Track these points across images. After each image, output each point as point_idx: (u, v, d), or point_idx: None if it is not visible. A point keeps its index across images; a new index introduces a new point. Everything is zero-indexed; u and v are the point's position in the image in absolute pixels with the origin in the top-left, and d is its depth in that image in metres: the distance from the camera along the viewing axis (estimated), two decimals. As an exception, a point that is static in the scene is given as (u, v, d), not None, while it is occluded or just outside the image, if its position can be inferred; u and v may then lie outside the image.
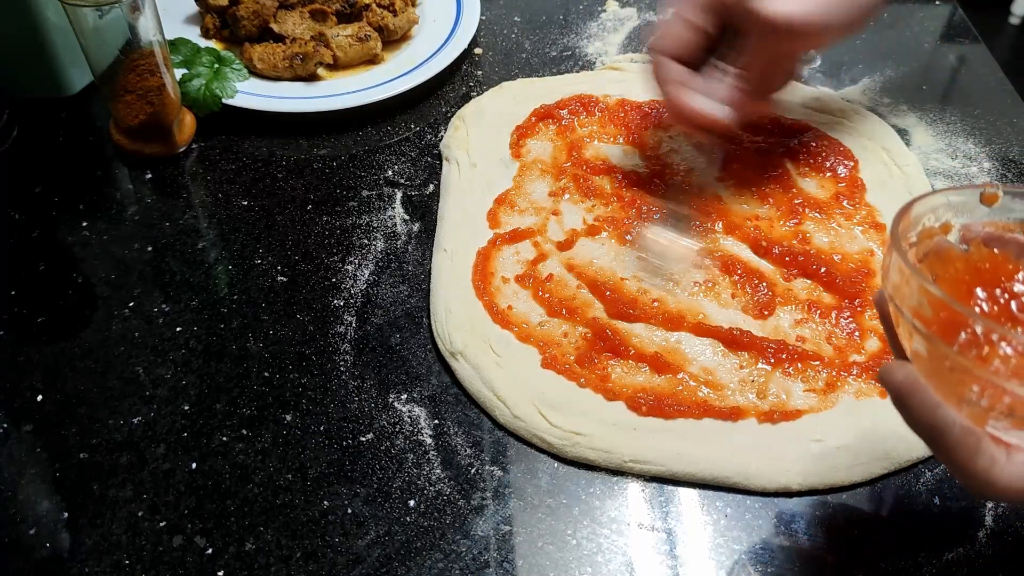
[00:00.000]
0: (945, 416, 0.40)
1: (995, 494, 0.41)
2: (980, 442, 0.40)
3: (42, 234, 0.69)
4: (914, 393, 0.41)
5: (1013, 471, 0.40)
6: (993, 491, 0.41)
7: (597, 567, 0.51)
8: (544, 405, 0.57)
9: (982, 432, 0.40)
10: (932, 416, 0.41)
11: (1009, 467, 0.40)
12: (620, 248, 0.67)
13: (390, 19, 0.85)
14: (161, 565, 0.50)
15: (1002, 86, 0.86)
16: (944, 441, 0.41)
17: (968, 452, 0.40)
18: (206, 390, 0.59)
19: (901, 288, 0.41)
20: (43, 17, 0.73)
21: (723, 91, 0.63)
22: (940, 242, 0.45)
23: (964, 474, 0.41)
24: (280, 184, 0.74)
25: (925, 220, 0.45)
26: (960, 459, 0.41)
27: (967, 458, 0.40)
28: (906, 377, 0.41)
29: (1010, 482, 0.40)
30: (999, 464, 0.40)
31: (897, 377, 0.42)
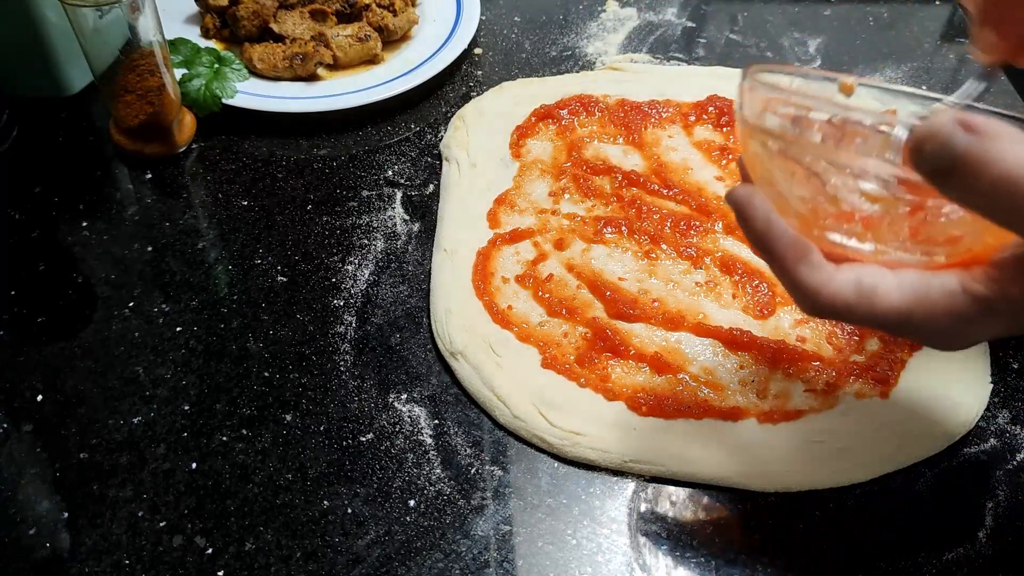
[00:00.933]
0: (775, 224, 0.42)
1: (818, 305, 0.41)
2: (808, 252, 0.41)
3: (42, 234, 0.69)
4: (750, 204, 0.42)
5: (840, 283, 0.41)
6: (816, 301, 0.41)
7: (597, 567, 0.51)
8: (544, 405, 0.57)
9: (809, 244, 0.42)
10: (764, 226, 0.42)
11: (835, 280, 0.41)
12: (620, 248, 0.67)
13: (390, 19, 0.85)
14: (161, 565, 0.50)
15: (1002, 86, 0.86)
16: (774, 250, 0.42)
17: (794, 260, 0.41)
18: (206, 390, 0.59)
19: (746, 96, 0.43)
20: (43, 17, 0.73)
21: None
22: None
23: (791, 284, 0.42)
24: (280, 184, 0.74)
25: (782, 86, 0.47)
26: (787, 268, 0.42)
27: (793, 267, 0.41)
28: (744, 191, 0.43)
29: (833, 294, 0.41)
30: (823, 273, 0.41)
31: (737, 192, 0.43)
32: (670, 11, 0.95)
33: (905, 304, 0.40)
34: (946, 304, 0.39)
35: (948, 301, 0.39)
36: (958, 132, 0.35)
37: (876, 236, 0.41)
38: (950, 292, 0.39)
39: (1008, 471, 0.55)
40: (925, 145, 0.35)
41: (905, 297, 0.40)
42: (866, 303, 0.40)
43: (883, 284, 0.40)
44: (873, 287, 0.40)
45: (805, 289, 0.41)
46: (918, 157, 0.36)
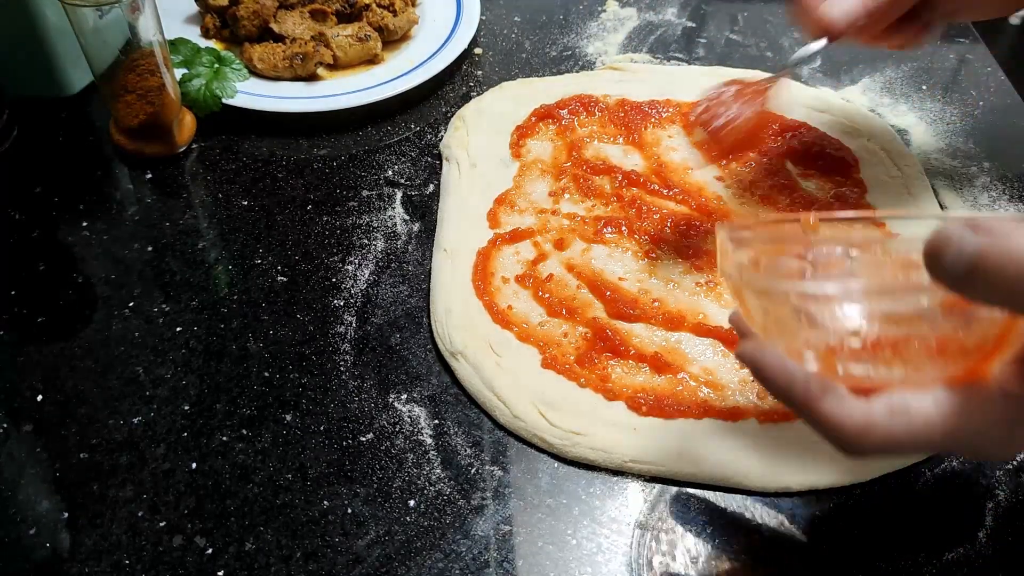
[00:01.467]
0: (791, 370, 0.41)
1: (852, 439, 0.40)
2: (831, 388, 0.40)
3: (42, 234, 0.69)
4: (762, 356, 0.42)
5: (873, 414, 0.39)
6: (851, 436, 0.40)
7: (597, 567, 0.51)
8: (544, 405, 0.57)
9: (832, 382, 0.40)
10: (780, 373, 0.41)
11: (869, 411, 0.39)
12: (620, 248, 0.67)
13: (390, 19, 0.85)
14: (161, 565, 0.50)
15: (1002, 86, 0.86)
16: (795, 394, 0.41)
17: (817, 398, 0.40)
18: (206, 390, 0.59)
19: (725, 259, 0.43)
20: (43, 17, 0.73)
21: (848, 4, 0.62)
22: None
23: (822, 425, 0.41)
24: (280, 184, 0.74)
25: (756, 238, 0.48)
26: (814, 407, 0.40)
27: (818, 405, 0.40)
28: (752, 344, 0.42)
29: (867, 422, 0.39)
30: (854, 406, 0.40)
31: (745, 347, 0.43)
32: (670, 11, 0.95)
33: (945, 420, 0.39)
34: (992, 414, 0.39)
35: (992, 410, 0.39)
36: (968, 234, 0.34)
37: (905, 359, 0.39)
38: (990, 400, 0.39)
39: (1008, 471, 0.55)
40: (941, 253, 0.35)
41: (944, 412, 0.39)
42: (904, 428, 0.39)
43: (917, 405, 0.39)
44: (905, 408, 0.39)
45: (841, 428, 0.40)
46: (935, 265, 0.36)
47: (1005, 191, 0.75)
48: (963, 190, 0.75)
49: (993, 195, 0.74)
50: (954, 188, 0.75)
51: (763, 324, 0.43)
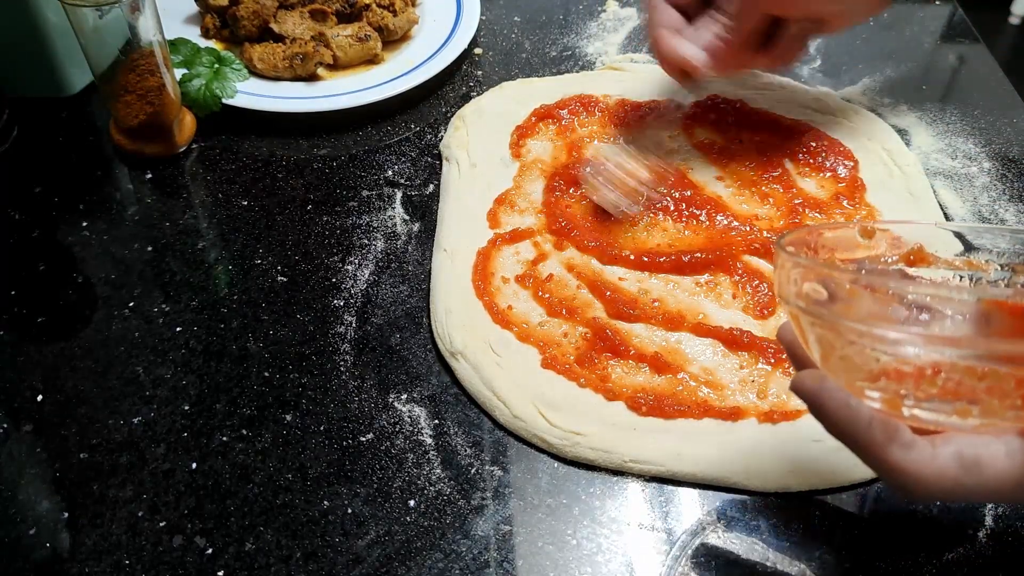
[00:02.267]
0: (854, 409, 0.39)
1: (920, 488, 0.39)
2: (896, 432, 0.39)
3: (42, 234, 0.69)
4: (822, 392, 0.40)
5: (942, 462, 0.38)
6: (918, 485, 0.39)
7: (597, 567, 0.51)
8: (544, 405, 0.57)
9: (897, 423, 0.39)
10: (843, 412, 0.39)
11: (937, 459, 0.38)
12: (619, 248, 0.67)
13: (390, 19, 0.85)
14: (161, 565, 0.50)
15: (1002, 86, 0.86)
16: (857, 437, 0.39)
17: (881, 444, 0.39)
18: (206, 390, 0.59)
19: (788, 282, 0.41)
20: (43, 17, 0.73)
21: (705, 40, 0.66)
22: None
23: (886, 470, 0.39)
24: (280, 184, 0.74)
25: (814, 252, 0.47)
26: (878, 454, 0.39)
27: (884, 452, 0.39)
28: (812, 379, 0.40)
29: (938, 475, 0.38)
30: (920, 453, 0.38)
31: (805, 381, 0.41)
32: (670, 11, 0.95)
33: (1020, 471, 0.38)
34: None
35: None
36: None
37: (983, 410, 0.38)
38: None
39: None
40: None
41: (1018, 464, 0.38)
42: (974, 477, 0.38)
43: (987, 453, 0.38)
44: (976, 458, 0.38)
45: (904, 474, 0.39)
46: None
47: (1005, 191, 0.75)
48: (963, 190, 0.75)
49: (993, 195, 0.74)
50: (954, 188, 0.75)
51: (824, 355, 0.41)
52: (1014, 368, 0.36)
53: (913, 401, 0.38)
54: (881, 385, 0.39)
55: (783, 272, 0.42)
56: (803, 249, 0.46)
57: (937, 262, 0.47)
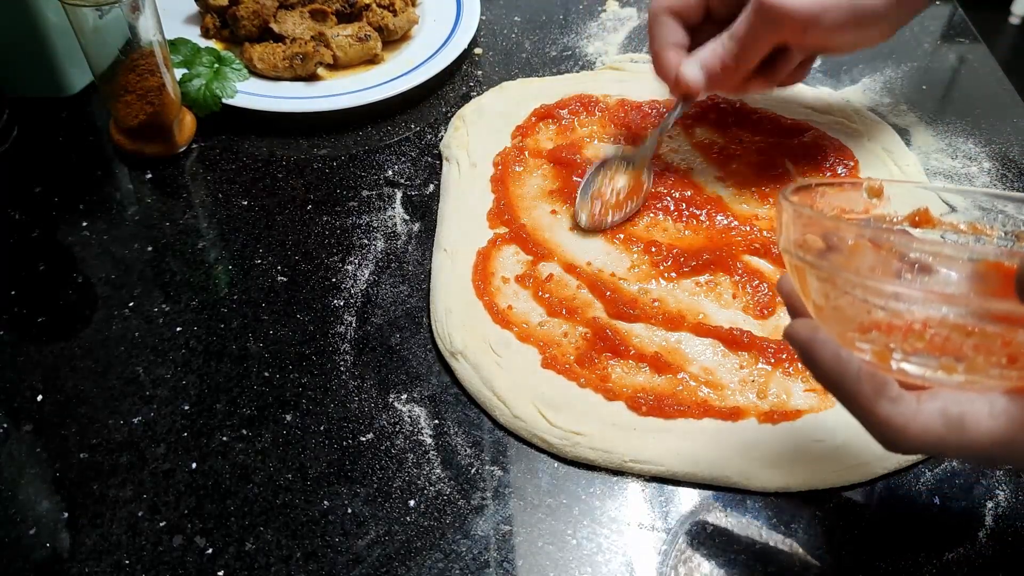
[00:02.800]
0: (844, 360, 0.39)
1: (904, 442, 0.39)
2: (883, 385, 0.39)
3: (42, 234, 0.69)
4: (814, 341, 0.40)
5: (927, 416, 0.38)
6: (902, 438, 0.39)
7: (597, 567, 0.51)
8: (544, 405, 0.57)
9: (886, 377, 0.39)
10: (833, 363, 0.39)
11: (922, 413, 0.39)
12: (616, 245, 0.67)
13: (390, 19, 0.85)
14: (161, 565, 0.50)
15: (1002, 86, 0.86)
16: (845, 387, 0.39)
17: (869, 396, 0.39)
18: (206, 390, 0.59)
19: (790, 231, 0.41)
20: (43, 17, 0.73)
21: (704, 55, 0.66)
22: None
23: (871, 423, 0.40)
24: (280, 184, 0.74)
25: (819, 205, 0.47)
26: (864, 405, 0.39)
27: (871, 404, 0.39)
28: (805, 327, 0.41)
29: (922, 430, 0.38)
30: (906, 407, 0.39)
31: (797, 329, 0.41)
32: None
33: (1002, 431, 0.38)
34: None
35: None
36: None
37: (968, 364, 0.38)
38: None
39: (1008, 471, 0.55)
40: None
41: (1001, 424, 0.38)
42: (956, 434, 0.38)
43: (971, 412, 0.38)
44: (960, 416, 0.38)
45: (889, 427, 0.39)
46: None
47: (1005, 191, 0.75)
48: (963, 190, 0.75)
49: (993, 195, 0.74)
50: (954, 188, 0.75)
51: (819, 305, 0.41)
52: (1003, 328, 0.37)
53: (901, 355, 0.39)
54: (872, 337, 0.39)
55: (787, 222, 0.42)
56: (808, 203, 0.46)
57: (941, 225, 0.47)
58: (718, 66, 0.65)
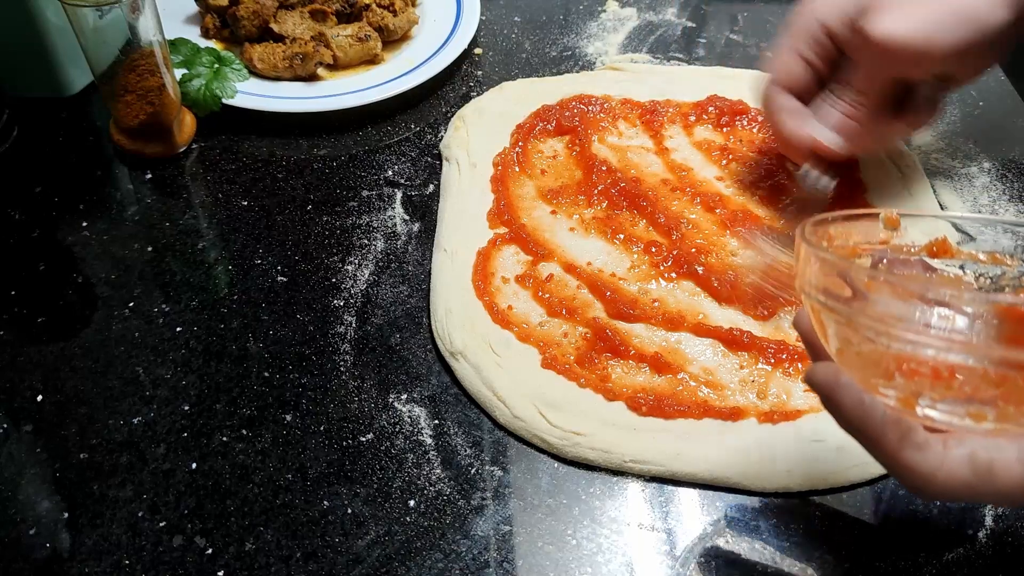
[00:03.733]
0: (868, 406, 0.38)
1: (932, 490, 0.38)
2: (909, 432, 0.38)
3: (42, 234, 0.69)
4: (837, 387, 0.39)
5: (953, 464, 0.38)
6: (930, 486, 0.38)
7: (597, 567, 0.51)
8: (544, 405, 0.57)
9: (912, 422, 0.38)
10: (857, 409, 0.39)
11: (948, 461, 0.38)
12: (616, 245, 0.67)
13: (390, 19, 0.85)
14: (161, 565, 0.50)
15: (1002, 86, 0.86)
16: (870, 434, 0.39)
17: (894, 444, 0.38)
18: (206, 390, 0.59)
19: (809, 274, 0.41)
20: (43, 17, 0.73)
21: (835, 118, 0.63)
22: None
23: (897, 470, 0.39)
24: (280, 184, 0.74)
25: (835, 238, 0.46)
26: (890, 452, 0.39)
27: (896, 452, 0.38)
28: (827, 372, 0.40)
29: (948, 477, 0.38)
30: (933, 455, 0.38)
31: (819, 374, 0.40)
32: (670, 11, 0.95)
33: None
34: None
35: None
36: None
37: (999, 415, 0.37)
38: None
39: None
40: None
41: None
42: (986, 482, 0.38)
43: (1000, 458, 0.38)
44: (989, 463, 0.38)
45: (916, 475, 0.38)
46: None
47: (1005, 191, 0.75)
48: (963, 190, 0.75)
49: (993, 195, 0.74)
50: (954, 188, 0.75)
51: (839, 349, 0.40)
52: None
53: (928, 401, 0.38)
54: (896, 384, 0.38)
55: (804, 264, 0.41)
56: (825, 238, 0.45)
57: (960, 254, 0.46)
58: (845, 118, 0.62)
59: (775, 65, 0.65)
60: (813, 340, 0.44)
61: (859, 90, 0.62)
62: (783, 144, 0.66)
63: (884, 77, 0.61)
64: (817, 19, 0.62)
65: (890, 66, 0.60)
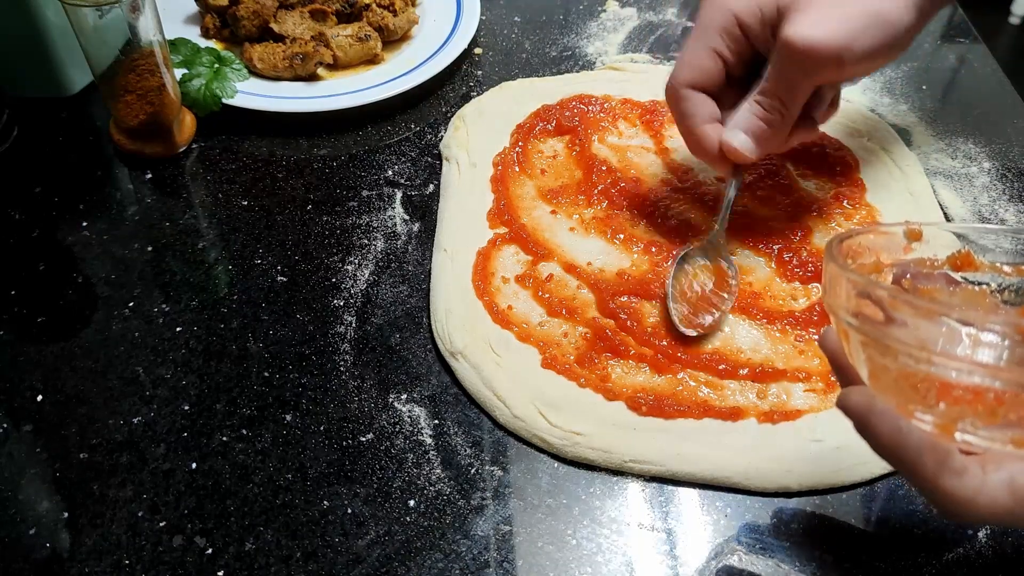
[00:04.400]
0: (905, 433, 0.38)
1: (972, 516, 0.38)
2: (947, 457, 0.37)
3: (42, 234, 0.69)
4: (871, 412, 0.39)
5: (993, 489, 0.37)
6: (969, 513, 0.38)
7: (597, 567, 0.51)
8: (544, 405, 0.57)
9: (948, 447, 0.38)
10: (893, 436, 0.38)
11: (987, 487, 0.37)
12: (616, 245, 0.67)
13: (390, 19, 0.85)
14: (161, 565, 0.50)
15: (1002, 86, 0.86)
16: (907, 460, 0.38)
17: (932, 470, 0.37)
18: (206, 390, 0.59)
19: (838, 296, 0.40)
20: (43, 17, 0.73)
21: (745, 122, 0.61)
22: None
23: (934, 495, 0.38)
24: (280, 184, 0.74)
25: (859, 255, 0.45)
26: (927, 478, 0.38)
27: (934, 479, 0.38)
28: (861, 397, 0.39)
29: (989, 503, 0.37)
30: (972, 481, 0.37)
31: (852, 400, 0.39)
32: (670, 11, 0.95)
33: None
34: None
35: None
36: None
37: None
38: None
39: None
40: None
41: None
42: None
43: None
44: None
45: (955, 501, 0.38)
46: None
47: (1005, 191, 0.75)
48: (963, 190, 0.75)
49: (993, 195, 0.74)
50: (954, 188, 0.75)
51: (872, 373, 0.40)
52: None
53: (967, 427, 0.37)
54: (935, 410, 0.37)
55: (833, 284, 0.41)
56: (849, 255, 0.44)
57: (984, 267, 0.45)
58: (764, 128, 0.60)
59: (685, 60, 0.62)
60: (841, 361, 0.43)
61: (773, 94, 0.60)
62: (692, 148, 0.64)
63: (802, 83, 0.59)
64: (731, 10, 0.60)
65: (810, 72, 0.58)
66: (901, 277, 0.45)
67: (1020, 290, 0.45)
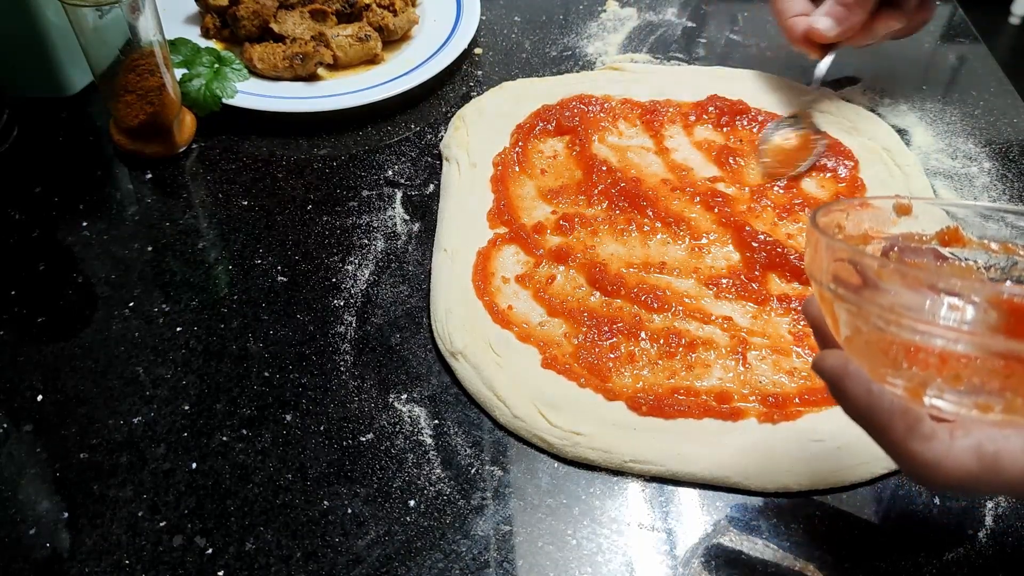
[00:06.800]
0: (876, 395, 0.39)
1: (938, 481, 0.38)
2: (916, 422, 0.38)
3: (42, 234, 0.69)
4: (846, 376, 0.39)
5: (959, 454, 0.38)
6: (935, 477, 0.38)
7: (597, 567, 0.51)
8: (544, 405, 0.57)
9: (919, 412, 0.39)
10: (864, 398, 0.39)
11: (954, 451, 0.38)
12: (616, 245, 0.67)
13: (390, 19, 0.85)
14: (161, 565, 0.50)
15: (1002, 86, 0.86)
16: (877, 423, 0.39)
17: (901, 433, 0.38)
18: (206, 390, 0.59)
19: (819, 261, 0.41)
20: (43, 17, 0.73)
21: (827, 7, 0.73)
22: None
23: (902, 458, 0.39)
24: (280, 184, 0.74)
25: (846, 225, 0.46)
26: (896, 441, 0.39)
27: (903, 441, 0.38)
28: (836, 360, 0.40)
29: (954, 468, 0.38)
30: (939, 445, 0.38)
31: (828, 362, 0.40)
32: (670, 11, 0.95)
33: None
34: None
35: None
36: None
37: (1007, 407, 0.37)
38: None
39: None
40: None
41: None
42: (991, 472, 0.38)
43: (1007, 449, 0.38)
44: (995, 454, 0.38)
45: (921, 465, 0.38)
46: None
47: (1005, 191, 0.75)
48: (963, 190, 0.75)
49: (993, 195, 0.74)
50: (954, 188, 0.75)
51: (849, 337, 0.40)
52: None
53: (935, 391, 0.38)
54: (904, 373, 0.38)
55: (814, 250, 0.41)
56: (836, 226, 0.45)
57: (971, 244, 0.46)
58: (841, 10, 0.71)
59: None
60: (821, 327, 0.44)
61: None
62: (788, 37, 0.76)
63: None
64: None
65: None
66: (888, 250, 0.45)
67: (1006, 268, 0.45)
